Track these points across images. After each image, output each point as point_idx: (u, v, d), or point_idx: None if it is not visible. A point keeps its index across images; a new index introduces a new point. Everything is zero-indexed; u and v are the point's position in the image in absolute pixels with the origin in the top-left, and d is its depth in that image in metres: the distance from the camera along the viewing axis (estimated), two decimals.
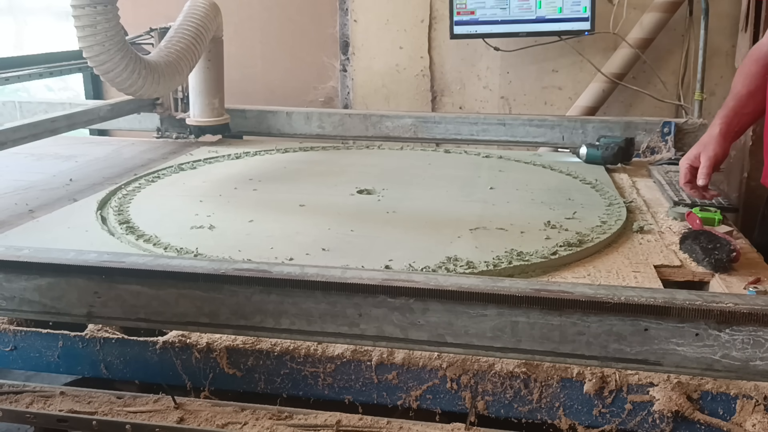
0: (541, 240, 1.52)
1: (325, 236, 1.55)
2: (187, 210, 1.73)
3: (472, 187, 1.98)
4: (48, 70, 2.76)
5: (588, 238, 1.52)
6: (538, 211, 1.74)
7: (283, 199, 1.85)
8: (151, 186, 1.98)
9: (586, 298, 0.89)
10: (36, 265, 1.02)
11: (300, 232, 1.57)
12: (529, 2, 2.95)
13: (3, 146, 1.88)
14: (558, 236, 1.54)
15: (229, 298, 0.97)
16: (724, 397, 1.03)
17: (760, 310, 0.85)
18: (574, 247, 1.47)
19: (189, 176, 2.10)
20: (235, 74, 2.89)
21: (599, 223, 1.63)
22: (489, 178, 2.07)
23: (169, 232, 1.54)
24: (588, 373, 1.05)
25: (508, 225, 1.62)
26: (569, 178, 2.09)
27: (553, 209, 1.75)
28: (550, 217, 1.67)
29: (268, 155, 2.38)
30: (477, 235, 1.56)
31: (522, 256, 1.41)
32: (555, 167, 2.19)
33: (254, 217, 1.68)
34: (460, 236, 1.55)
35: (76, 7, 1.68)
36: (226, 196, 1.88)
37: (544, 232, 1.57)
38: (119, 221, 1.63)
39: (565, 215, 1.69)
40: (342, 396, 1.14)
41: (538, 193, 1.91)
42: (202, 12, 2.17)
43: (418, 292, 0.92)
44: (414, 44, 3.34)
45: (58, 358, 1.22)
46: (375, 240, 1.54)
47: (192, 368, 1.17)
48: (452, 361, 1.09)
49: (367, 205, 1.81)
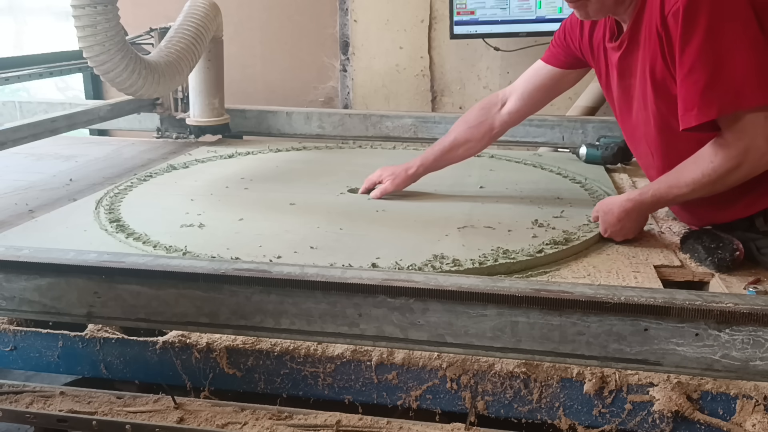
0: (528, 238, 1.53)
1: (314, 234, 1.55)
2: (178, 209, 1.73)
3: (463, 185, 1.99)
4: (48, 70, 2.76)
5: (575, 236, 1.53)
6: (527, 209, 1.75)
7: (274, 198, 1.85)
8: (143, 185, 1.98)
9: (586, 298, 0.89)
10: (36, 265, 1.02)
11: (289, 231, 1.58)
12: (529, 2, 2.95)
13: (3, 146, 1.88)
14: (545, 234, 1.55)
15: (229, 298, 0.97)
16: (724, 397, 1.03)
17: (759, 310, 0.85)
18: (560, 245, 1.48)
19: (181, 175, 2.10)
20: (235, 74, 2.89)
21: (586, 221, 1.64)
22: (479, 177, 2.08)
23: (158, 230, 1.55)
24: (588, 373, 1.05)
25: (495, 223, 1.63)
26: (559, 177, 2.10)
27: (542, 208, 1.76)
28: (538, 215, 1.69)
29: (261, 155, 2.39)
30: (464, 234, 1.57)
31: (508, 254, 1.42)
32: (546, 166, 2.20)
33: (244, 215, 1.68)
34: (448, 234, 1.56)
35: (76, 7, 1.68)
36: (217, 195, 1.88)
37: (531, 231, 1.58)
38: (110, 219, 1.64)
39: (553, 214, 1.70)
40: (342, 396, 1.14)
41: (528, 191, 1.93)
42: (202, 12, 2.17)
43: (418, 292, 0.92)
44: (414, 44, 3.33)
45: (58, 358, 1.22)
46: (363, 238, 1.55)
47: (192, 368, 1.17)
48: (452, 361, 1.09)
49: (357, 203, 1.82)
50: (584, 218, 1.66)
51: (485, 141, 1.86)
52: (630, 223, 1.53)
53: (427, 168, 1.87)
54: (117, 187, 1.93)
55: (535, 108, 1.83)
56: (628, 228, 1.54)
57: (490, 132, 1.84)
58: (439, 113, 3.07)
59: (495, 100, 1.85)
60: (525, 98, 1.79)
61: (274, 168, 2.21)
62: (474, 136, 1.84)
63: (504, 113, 1.82)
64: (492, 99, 1.86)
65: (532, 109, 1.83)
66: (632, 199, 1.51)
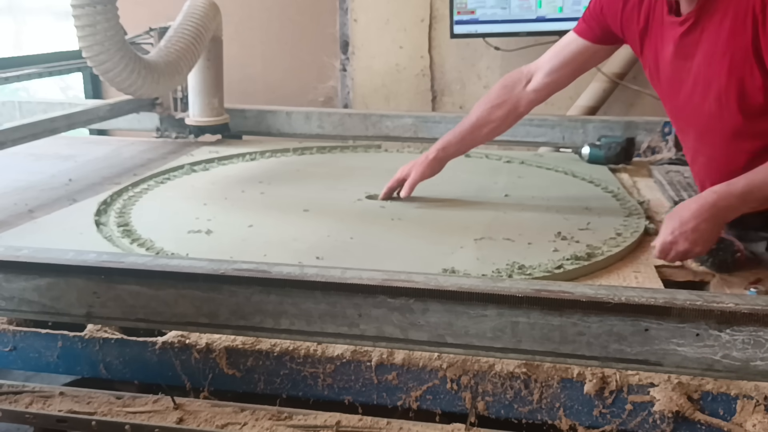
0: (548, 252, 1.44)
1: (322, 243, 1.51)
2: (189, 213, 1.70)
3: (487, 192, 1.91)
4: (48, 70, 2.76)
5: (598, 251, 1.44)
6: (551, 220, 1.66)
7: (288, 203, 1.81)
8: (159, 188, 1.94)
9: (586, 299, 0.89)
10: (35, 266, 1.02)
11: (297, 239, 1.54)
12: (529, 2, 2.95)
13: (2, 146, 1.88)
14: (567, 249, 1.46)
15: (229, 299, 0.97)
16: (725, 397, 1.03)
17: (760, 311, 0.85)
18: (581, 260, 1.39)
19: (199, 178, 2.06)
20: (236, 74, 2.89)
21: (614, 234, 1.54)
22: (506, 185, 1.99)
23: (165, 237, 1.52)
24: (588, 374, 1.05)
25: (516, 235, 1.55)
26: (591, 185, 2.00)
27: (567, 219, 1.67)
28: (562, 227, 1.59)
29: (283, 157, 2.32)
30: (481, 246, 1.49)
31: (524, 270, 1.35)
32: (577, 174, 2.09)
33: (255, 221, 1.65)
34: (463, 246, 1.48)
35: (76, 7, 1.68)
36: (231, 199, 1.84)
37: (552, 244, 1.49)
38: (118, 224, 1.61)
39: (579, 225, 1.61)
40: (342, 396, 1.14)
41: (555, 200, 1.83)
42: (202, 12, 2.17)
43: (418, 292, 0.92)
44: (414, 44, 3.33)
45: (57, 358, 1.22)
46: (372, 249, 1.49)
47: (191, 369, 1.17)
48: (452, 362, 1.08)
49: (373, 211, 1.76)
50: (611, 231, 1.56)
51: (510, 120, 1.76)
52: (705, 225, 1.26)
53: (448, 151, 1.78)
54: (131, 189, 1.90)
55: (562, 85, 1.73)
56: (703, 230, 1.26)
57: (515, 111, 1.74)
58: (439, 113, 3.08)
59: (519, 76, 1.75)
60: (552, 74, 1.69)
61: (294, 171, 2.17)
62: (497, 115, 1.74)
63: (529, 90, 1.72)
64: (515, 75, 1.75)
65: (558, 86, 1.73)
66: (717, 190, 1.27)
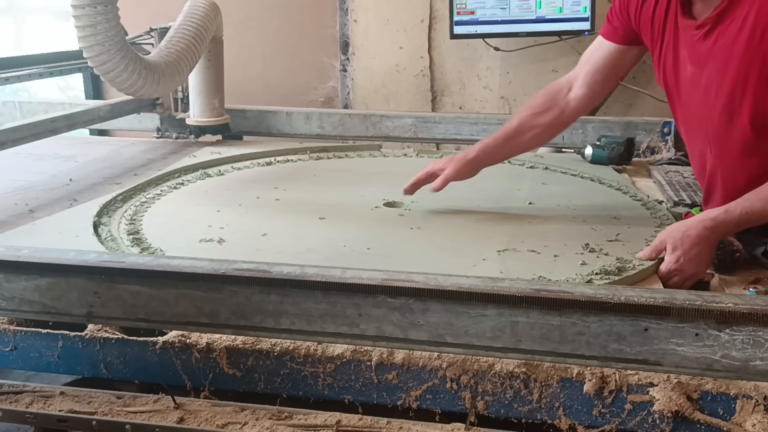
0: (575, 266, 1.36)
1: (337, 255, 1.45)
2: (202, 221, 1.64)
3: (510, 200, 1.83)
4: (48, 70, 2.76)
5: (629, 265, 1.35)
6: (578, 230, 1.58)
7: (304, 210, 1.74)
8: (173, 193, 1.89)
9: (586, 298, 0.89)
10: (36, 265, 1.02)
11: (312, 249, 1.47)
12: (529, 2, 2.95)
13: (3, 146, 1.88)
14: (596, 262, 1.37)
15: (229, 298, 0.98)
16: (724, 397, 1.03)
17: (760, 310, 0.85)
18: (611, 275, 1.31)
19: (214, 183, 2.01)
20: (236, 75, 2.89)
21: (645, 247, 1.43)
22: (530, 192, 1.90)
23: (175, 246, 1.47)
24: (588, 373, 1.05)
25: (541, 247, 1.47)
26: (619, 193, 1.91)
27: (595, 229, 1.58)
28: (590, 238, 1.51)
29: (301, 162, 2.28)
30: (504, 258, 1.41)
31: None
32: (604, 180, 2.02)
33: (269, 230, 1.59)
34: (486, 259, 1.41)
35: (76, 7, 1.68)
36: (246, 206, 1.78)
37: (580, 257, 1.41)
38: (128, 231, 1.56)
39: (608, 237, 1.52)
40: (342, 396, 1.14)
41: (582, 209, 1.74)
42: (202, 12, 2.17)
43: (418, 292, 0.92)
44: (414, 44, 3.33)
45: (58, 358, 1.22)
46: (389, 261, 1.42)
47: (192, 368, 1.17)
48: (452, 361, 1.09)
49: (391, 219, 1.69)
50: (642, 243, 1.46)
51: (554, 128, 1.71)
52: (707, 250, 1.30)
53: (488, 154, 1.70)
54: (144, 195, 1.85)
55: (601, 93, 1.69)
56: (704, 255, 1.30)
57: (559, 119, 1.69)
58: (439, 113, 3.07)
59: (561, 85, 1.70)
60: (589, 83, 1.66)
61: (311, 177, 2.11)
62: (541, 122, 1.68)
63: (571, 99, 1.68)
64: (558, 84, 1.71)
65: (597, 95, 1.69)
66: (715, 218, 1.30)
